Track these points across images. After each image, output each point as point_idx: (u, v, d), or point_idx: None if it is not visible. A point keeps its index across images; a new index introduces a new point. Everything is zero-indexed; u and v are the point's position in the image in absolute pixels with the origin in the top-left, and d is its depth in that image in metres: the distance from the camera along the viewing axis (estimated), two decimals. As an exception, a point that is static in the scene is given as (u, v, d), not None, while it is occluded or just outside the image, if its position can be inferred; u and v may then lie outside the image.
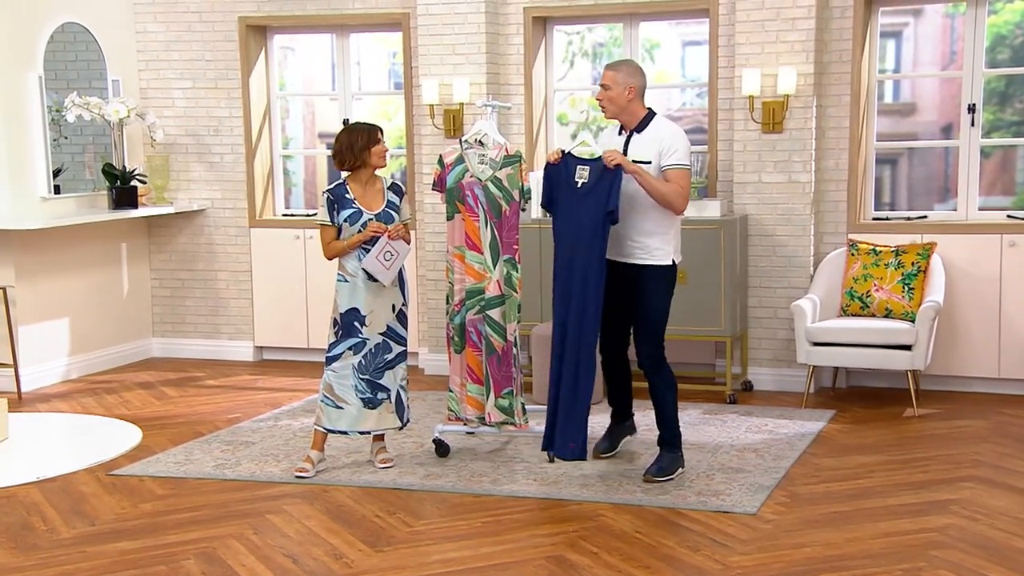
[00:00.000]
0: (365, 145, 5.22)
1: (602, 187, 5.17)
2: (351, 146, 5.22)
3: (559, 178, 5.31)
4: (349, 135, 5.24)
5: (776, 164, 6.81)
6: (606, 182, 5.16)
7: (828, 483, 5.13)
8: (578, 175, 5.25)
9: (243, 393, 7.14)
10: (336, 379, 5.30)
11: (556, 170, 5.32)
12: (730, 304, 6.63)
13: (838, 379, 6.97)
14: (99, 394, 7.15)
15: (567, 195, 5.25)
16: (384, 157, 5.29)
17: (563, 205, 5.26)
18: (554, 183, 5.32)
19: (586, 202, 5.19)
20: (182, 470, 5.46)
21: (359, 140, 5.22)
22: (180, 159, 8.13)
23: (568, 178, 5.27)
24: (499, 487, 5.12)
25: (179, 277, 8.25)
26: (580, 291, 5.21)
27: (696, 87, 7.54)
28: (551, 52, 7.54)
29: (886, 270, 6.54)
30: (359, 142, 5.22)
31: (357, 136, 5.23)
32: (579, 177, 5.25)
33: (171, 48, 8.05)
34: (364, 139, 5.23)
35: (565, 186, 5.27)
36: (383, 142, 5.28)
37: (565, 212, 5.25)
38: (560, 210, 5.28)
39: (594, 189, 5.19)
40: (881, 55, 7.02)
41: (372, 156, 5.24)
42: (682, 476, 5.19)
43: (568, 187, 5.26)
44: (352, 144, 5.22)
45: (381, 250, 5.20)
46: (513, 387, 5.47)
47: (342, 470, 5.40)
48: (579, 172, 5.26)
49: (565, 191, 5.27)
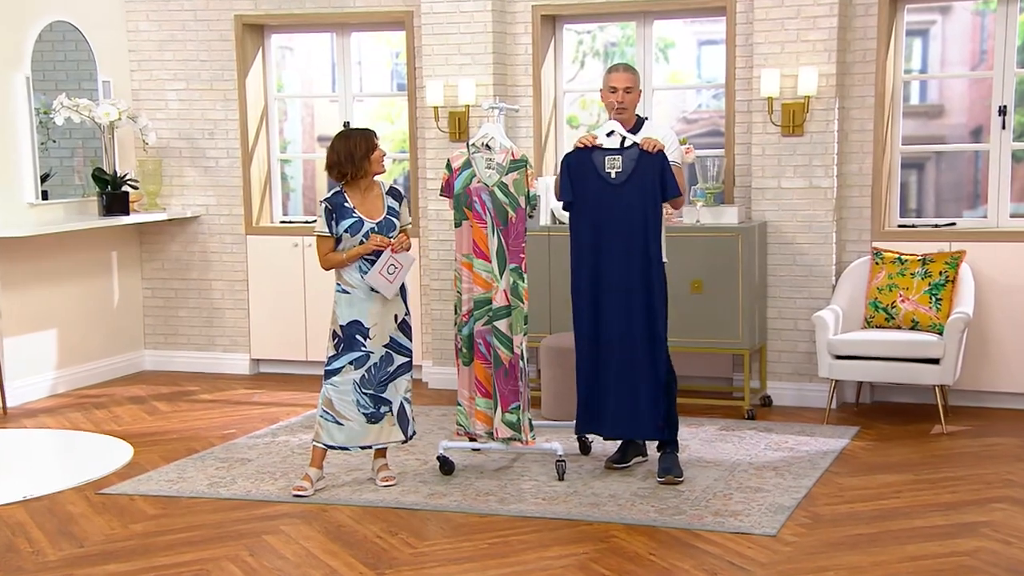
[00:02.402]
0: (364, 154, 5.21)
1: (646, 174, 5.12)
2: (351, 156, 5.20)
3: (584, 170, 5.26)
4: (347, 144, 5.22)
5: (796, 169, 6.81)
6: (650, 169, 5.11)
7: (852, 503, 5.11)
8: (608, 165, 5.21)
9: (239, 408, 7.14)
10: (336, 394, 5.29)
11: (580, 161, 5.29)
12: (748, 315, 6.62)
13: (862, 394, 6.95)
14: (88, 409, 7.15)
15: (598, 188, 5.21)
16: (383, 162, 5.29)
17: (593, 199, 5.23)
18: (578, 175, 5.29)
19: (624, 194, 5.16)
20: (175, 488, 5.46)
21: (358, 149, 5.21)
22: (173, 163, 8.14)
23: (597, 169, 5.22)
24: (506, 506, 5.11)
25: (172, 287, 8.26)
26: (622, 295, 5.22)
27: (712, 88, 7.54)
28: (561, 52, 7.54)
29: (912, 280, 6.53)
30: (359, 151, 5.20)
31: (355, 144, 5.21)
32: (610, 167, 5.20)
33: (164, 48, 8.07)
34: (363, 147, 5.22)
35: (593, 178, 5.22)
36: (380, 146, 5.29)
37: (597, 206, 5.22)
38: (589, 204, 5.24)
39: (633, 178, 5.15)
40: (907, 54, 7.01)
41: (372, 164, 5.24)
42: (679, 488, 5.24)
43: (598, 179, 5.21)
44: (352, 154, 5.20)
45: (385, 264, 5.20)
46: (520, 402, 5.47)
47: (342, 488, 5.39)
48: (609, 162, 5.22)
49: (594, 184, 5.22)
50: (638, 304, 5.28)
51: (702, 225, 6.72)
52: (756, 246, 6.71)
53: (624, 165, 5.22)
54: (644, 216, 5.20)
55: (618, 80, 5.41)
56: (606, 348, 5.36)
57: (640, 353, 5.31)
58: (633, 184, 5.17)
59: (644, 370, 5.31)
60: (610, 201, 5.22)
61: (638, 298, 5.28)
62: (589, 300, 5.35)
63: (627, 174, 5.20)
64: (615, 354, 5.34)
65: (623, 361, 5.33)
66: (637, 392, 5.33)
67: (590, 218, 5.26)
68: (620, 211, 5.21)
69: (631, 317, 5.30)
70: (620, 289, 5.29)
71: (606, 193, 5.23)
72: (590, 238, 5.30)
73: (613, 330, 5.33)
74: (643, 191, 5.18)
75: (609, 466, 5.61)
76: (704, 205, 6.82)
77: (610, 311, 5.32)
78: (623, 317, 5.31)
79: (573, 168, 5.32)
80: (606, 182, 5.21)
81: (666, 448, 5.46)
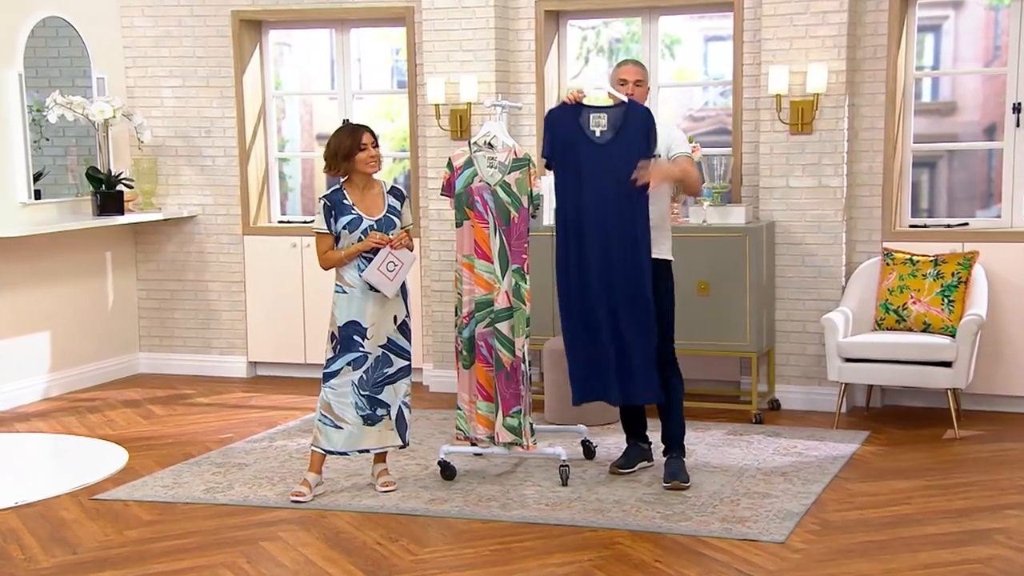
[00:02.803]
0: (347, 153, 5.19)
1: (631, 133, 5.06)
2: (334, 154, 5.22)
3: (567, 127, 5.18)
4: (335, 140, 5.23)
5: (805, 168, 6.80)
6: (636, 127, 5.04)
7: (862, 510, 5.11)
8: (593, 123, 5.12)
9: (236, 412, 7.14)
10: (334, 397, 5.29)
11: (563, 118, 5.22)
12: (756, 317, 6.62)
13: (872, 398, 6.95)
14: (82, 413, 7.15)
15: (581, 146, 5.14)
16: (371, 164, 5.23)
17: (575, 158, 5.16)
18: (560, 133, 5.21)
19: (610, 154, 5.11)
20: (170, 494, 5.46)
21: (342, 146, 5.20)
22: (169, 162, 8.15)
23: (581, 127, 5.15)
24: (509, 512, 5.10)
25: (168, 288, 8.26)
26: (607, 254, 5.15)
27: (719, 85, 7.54)
28: (564, 48, 7.54)
29: (924, 281, 6.52)
30: (341, 149, 5.20)
31: (340, 142, 5.21)
32: (595, 126, 5.10)
33: (160, 44, 8.08)
34: (347, 145, 5.20)
35: (577, 136, 5.14)
36: (372, 146, 5.23)
37: (580, 166, 5.16)
38: (572, 164, 5.18)
39: (618, 137, 5.10)
40: (919, 50, 7.01)
41: (357, 164, 5.22)
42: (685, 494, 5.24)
43: (582, 137, 5.13)
44: (335, 152, 5.21)
45: (383, 260, 5.20)
46: (521, 406, 5.46)
47: (341, 494, 5.39)
48: (594, 120, 5.13)
49: (577, 142, 5.15)
50: (623, 260, 5.17)
51: (709, 225, 6.72)
52: (764, 247, 6.70)
53: (609, 123, 5.15)
54: (628, 177, 5.09)
55: (628, 72, 5.39)
56: (592, 307, 5.24)
57: (627, 311, 5.19)
58: (619, 143, 5.09)
59: (632, 331, 5.21)
60: (595, 160, 5.14)
61: (622, 254, 5.17)
62: (576, 261, 5.24)
63: (612, 132, 5.13)
64: (602, 312, 5.23)
65: (611, 321, 5.22)
66: (628, 354, 5.23)
67: (574, 178, 5.19)
68: (606, 171, 5.13)
69: (615, 272, 5.18)
70: (605, 250, 5.19)
71: (591, 152, 5.15)
72: (574, 199, 5.21)
73: (598, 289, 5.21)
74: (629, 150, 5.09)
75: (614, 471, 5.61)
76: (711, 205, 6.81)
77: (594, 270, 5.22)
78: (608, 273, 5.19)
79: (555, 125, 5.23)
80: (591, 141, 5.14)
81: (672, 453, 5.46)
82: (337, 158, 5.21)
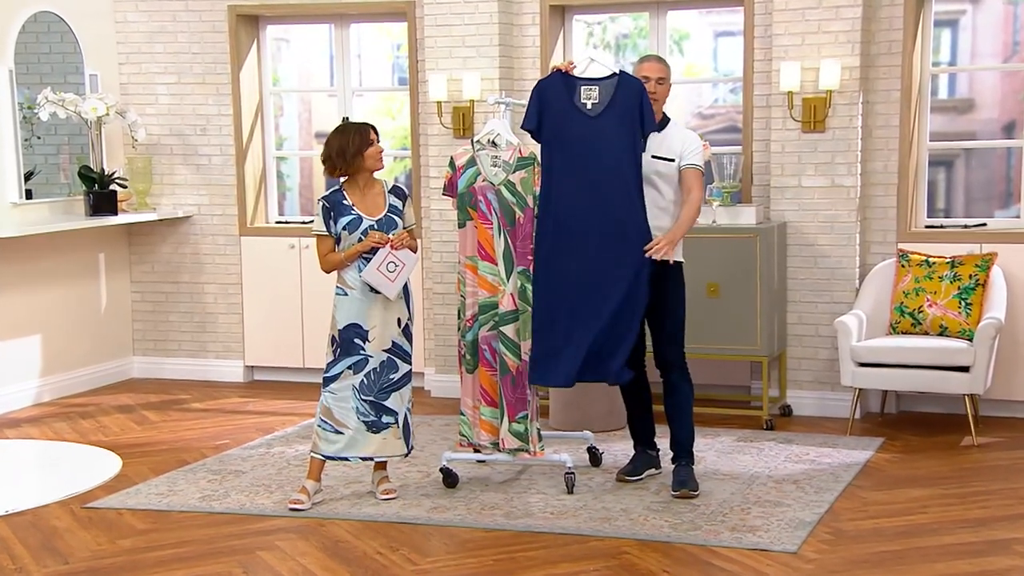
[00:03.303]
0: (357, 150, 5.21)
1: (624, 105, 4.99)
2: (342, 152, 5.21)
3: (555, 98, 5.12)
4: (340, 138, 5.23)
5: (818, 167, 6.80)
6: (629, 99, 4.97)
7: (877, 519, 5.10)
8: (584, 95, 5.07)
9: (232, 417, 7.14)
10: (334, 401, 5.29)
11: (553, 89, 5.17)
12: (767, 321, 6.61)
13: (887, 404, 6.94)
14: (73, 419, 7.16)
15: (572, 119, 5.09)
16: (380, 159, 5.28)
17: (565, 131, 5.12)
18: (549, 105, 5.15)
19: (602, 128, 5.06)
20: (165, 502, 5.46)
21: (350, 144, 5.20)
22: (164, 161, 8.15)
23: (570, 98, 5.10)
24: (513, 521, 5.10)
25: (162, 290, 8.27)
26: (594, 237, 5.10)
27: (729, 82, 7.54)
28: (570, 44, 7.54)
29: (940, 283, 6.51)
30: (351, 146, 5.20)
31: (347, 140, 5.21)
32: (586, 98, 5.06)
33: (154, 40, 8.08)
34: (356, 142, 5.21)
35: (567, 109, 5.08)
36: (377, 142, 5.28)
37: (570, 140, 5.12)
38: (561, 138, 5.13)
39: (610, 110, 5.05)
40: (935, 46, 7.00)
41: (366, 160, 5.24)
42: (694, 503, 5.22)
43: (572, 110, 5.07)
44: (343, 150, 5.21)
45: (383, 260, 5.20)
46: (528, 411, 5.46)
47: (340, 502, 5.39)
48: (584, 92, 5.09)
49: (567, 115, 5.09)
50: (616, 236, 5.14)
51: (718, 226, 6.72)
52: (775, 248, 6.69)
53: (601, 96, 5.11)
54: (623, 151, 5.08)
55: (650, 69, 5.36)
56: (573, 286, 5.20)
57: (613, 288, 5.14)
58: (610, 116, 5.06)
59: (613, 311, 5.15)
60: (586, 134, 5.10)
61: (615, 230, 5.14)
62: (552, 242, 5.22)
63: (604, 105, 5.09)
64: (575, 298, 5.19)
65: (591, 301, 5.17)
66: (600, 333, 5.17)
67: (563, 153, 5.15)
68: (594, 145, 5.10)
69: (606, 249, 5.15)
70: (591, 232, 5.16)
71: (582, 126, 5.11)
72: (563, 173, 5.19)
73: (584, 267, 5.17)
74: (621, 124, 5.06)
75: (621, 479, 5.61)
76: (720, 205, 6.81)
77: (581, 248, 5.19)
78: (597, 249, 5.16)
79: (544, 95, 5.17)
80: (582, 113, 5.11)
81: (680, 460, 5.46)
82: (346, 156, 5.21)
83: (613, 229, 5.18)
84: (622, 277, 5.18)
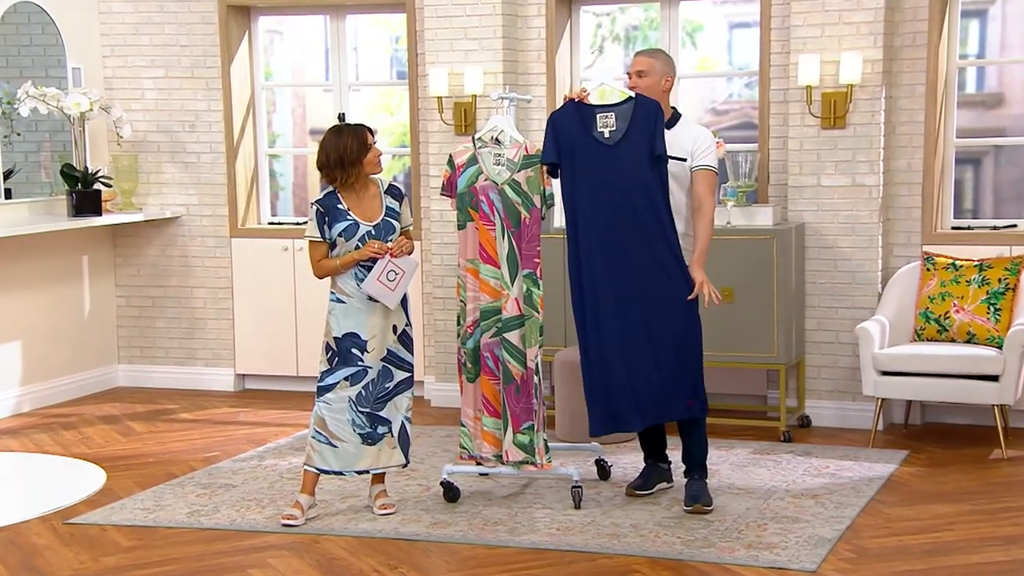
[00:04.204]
0: (356, 156, 5.20)
1: (643, 132, 5.05)
2: (341, 161, 5.18)
3: (569, 128, 5.18)
4: (337, 142, 5.19)
5: (838, 165, 6.80)
6: (647, 122, 5.04)
7: (901, 536, 5.09)
8: (600, 124, 5.14)
9: (222, 428, 7.15)
10: (329, 413, 5.29)
11: (565, 119, 5.22)
12: (784, 327, 6.61)
13: (911, 415, 6.93)
14: (55, 430, 7.16)
15: (589, 149, 5.16)
16: (379, 163, 5.28)
17: (583, 163, 5.17)
18: (565, 135, 5.21)
19: (620, 156, 5.11)
20: (151, 518, 5.46)
21: (349, 151, 5.18)
22: (151, 159, 8.16)
23: (586, 128, 5.16)
24: (517, 537, 5.10)
25: (149, 295, 8.28)
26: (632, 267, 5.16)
27: (745, 76, 7.54)
28: (577, 36, 7.55)
29: (968, 288, 6.51)
30: (350, 152, 5.18)
31: (346, 146, 5.18)
32: (603, 126, 5.13)
33: (140, 31, 8.09)
34: (355, 148, 5.19)
35: (583, 139, 5.15)
36: (375, 144, 5.27)
37: (589, 171, 5.17)
38: (580, 168, 5.19)
39: (628, 137, 5.10)
40: (962, 38, 7.00)
41: (366, 167, 5.24)
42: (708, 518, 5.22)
43: (589, 139, 5.14)
44: (342, 158, 5.18)
45: (383, 270, 5.20)
46: (534, 421, 5.46)
47: (336, 517, 5.39)
48: (601, 120, 5.15)
49: (585, 145, 5.16)
50: (646, 267, 5.18)
51: (733, 227, 6.72)
52: (793, 250, 6.69)
53: (618, 123, 5.15)
54: (647, 178, 5.11)
55: (633, 64, 5.41)
56: (611, 322, 5.24)
57: (654, 322, 5.19)
58: (629, 144, 5.10)
59: (658, 344, 5.20)
60: (604, 164, 5.15)
61: (644, 261, 5.18)
62: (591, 273, 5.26)
63: (621, 133, 5.14)
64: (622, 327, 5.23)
65: (631, 336, 5.22)
66: (651, 371, 5.23)
67: (582, 184, 5.19)
68: (616, 175, 5.14)
69: (638, 282, 5.19)
70: (623, 258, 5.20)
71: (599, 155, 5.16)
72: (586, 206, 5.22)
73: (618, 302, 5.21)
74: (642, 149, 5.10)
75: (630, 493, 5.60)
76: (735, 205, 6.81)
77: (612, 282, 5.22)
78: (628, 284, 5.20)
79: (559, 126, 5.23)
80: (599, 143, 5.15)
81: (694, 474, 5.45)
82: (344, 164, 5.19)
83: (651, 265, 5.20)
84: (666, 311, 5.21)
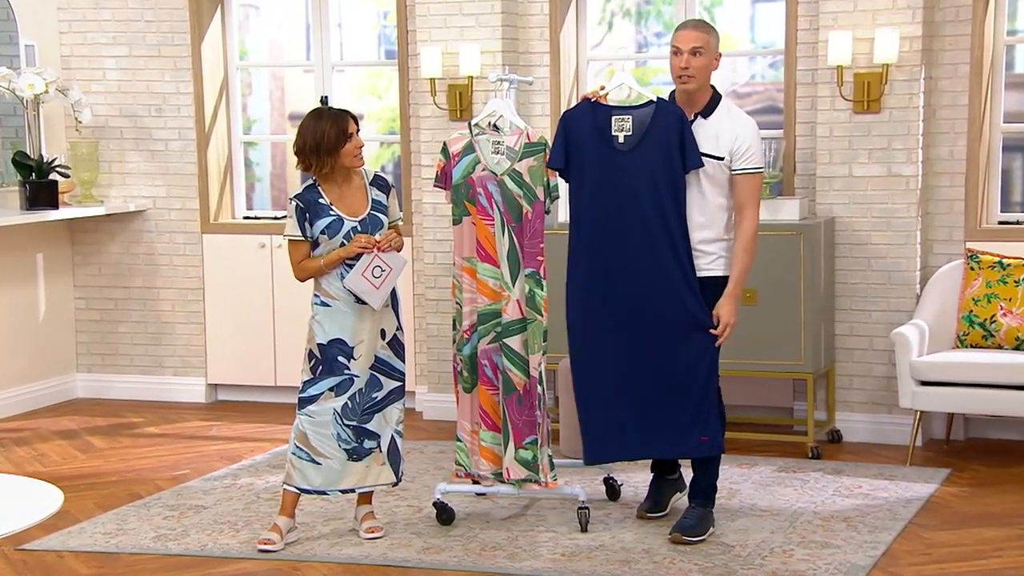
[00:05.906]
0: (335, 146, 5.19)
1: (661, 137, 5.08)
2: (317, 148, 5.18)
3: (583, 131, 5.22)
4: (315, 127, 5.19)
5: (872, 153, 6.80)
6: (667, 130, 5.06)
7: (942, 563, 5.09)
8: (616, 127, 5.18)
9: (192, 444, 7.15)
10: (312, 426, 5.29)
11: (581, 120, 5.25)
12: (812, 332, 6.61)
13: (953, 429, 6.94)
14: (6, 446, 7.16)
15: (602, 154, 5.19)
16: (359, 156, 5.26)
17: (595, 168, 5.20)
18: (577, 138, 5.25)
19: (635, 163, 5.14)
20: (113, 543, 5.46)
21: (327, 138, 5.17)
22: (113, 146, 8.16)
23: (599, 130, 5.20)
24: (518, 563, 5.10)
25: (111, 296, 8.28)
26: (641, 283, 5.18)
27: (769, 55, 7.54)
28: (584, 12, 7.55)
29: (1016, 289, 6.52)
30: (327, 140, 5.17)
31: (323, 132, 5.17)
32: (618, 130, 5.17)
33: (101, 5, 8.09)
34: (333, 136, 5.18)
35: (596, 143, 5.19)
36: (357, 134, 5.25)
37: (601, 177, 5.19)
38: (590, 175, 5.21)
39: (644, 143, 5.13)
40: (1010, 12, 7.01)
41: (343, 158, 5.23)
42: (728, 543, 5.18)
43: (602, 144, 5.18)
44: (319, 145, 5.18)
45: (368, 265, 5.20)
46: (538, 435, 5.46)
47: (318, 541, 5.39)
48: (616, 123, 5.19)
49: (597, 149, 5.19)
50: (656, 284, 5.19)
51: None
52: (822, 247, 6.70)
53: (634, 127, 5.18)
54: (660, 190, 5.14)
55: (683, 39, 5.25)
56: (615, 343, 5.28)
57: (665, 346, 5.22)
58: (645, 150, 5.13)
59: (668, 373, 5.23)
60: (617, 170, 5.18)
61: (654, 278, 5.19)
62: (593, 287, 5.28)
63: (638, 138, 5.16)
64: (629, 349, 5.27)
65: (639, 360, 5.26)
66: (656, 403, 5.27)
67: (592, 192, 5.21)
68: (629, 183, 5.16)
69: (646, 299, 5.21)
70: (631, 274, 5.21)
71: (612, 160, 5.18)
72: (593, 214, 5.24)
73: (625, 320, 5.24)
74: (657, 159, 5.12)
75: (642, 515, 5.59)
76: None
77: (619, 299, 5.24)
78: (636, 300, 5.22)
79: (571, 128, 5.27)
80: (612, 147, 5.19)
81: (695, 501, 5.40)
82: (319, 152, 5.19)
83: (653, 276, 5.21)
84: (674, 334, 5.22)
